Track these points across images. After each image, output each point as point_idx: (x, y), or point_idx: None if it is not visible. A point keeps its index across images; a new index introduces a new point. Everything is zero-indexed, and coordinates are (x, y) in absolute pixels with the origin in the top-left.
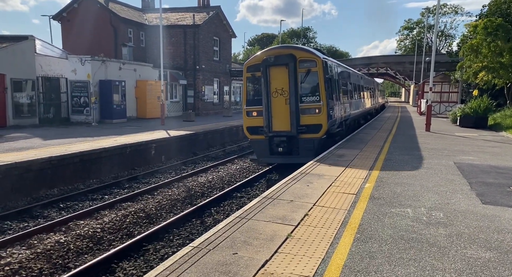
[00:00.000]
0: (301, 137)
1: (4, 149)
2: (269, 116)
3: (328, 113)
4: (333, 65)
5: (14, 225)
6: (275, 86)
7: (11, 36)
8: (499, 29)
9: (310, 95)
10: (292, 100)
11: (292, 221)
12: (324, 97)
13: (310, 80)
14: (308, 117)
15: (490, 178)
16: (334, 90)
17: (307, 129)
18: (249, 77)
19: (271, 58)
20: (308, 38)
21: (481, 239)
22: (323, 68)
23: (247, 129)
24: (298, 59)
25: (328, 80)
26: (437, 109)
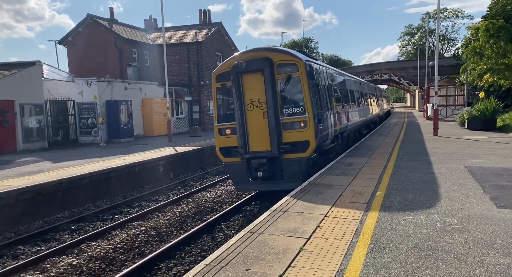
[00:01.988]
0: (285, 157)
1: (15, 174)
2: (245, 134)
3: (316, 127)
4: (321, 69)
5: (26, 249)
6: (250, 97)
7: (19, 63)
8: (501, 30)
9: (292, 106)
10: (271, 113)
11: (304, 234)
12: (310, 107)
13: (292, 88)
14: (291, 133)
15: (503, 181)
16: (324, 98)
17: (291, 147)
18: (219, 88)
19: (242, 64)
20: (309, 48)
21: (499, 244)
22: (306, 73)
23: (220, 150)
24: (275, 63)
25: (315, 87)
26: (444, 113)
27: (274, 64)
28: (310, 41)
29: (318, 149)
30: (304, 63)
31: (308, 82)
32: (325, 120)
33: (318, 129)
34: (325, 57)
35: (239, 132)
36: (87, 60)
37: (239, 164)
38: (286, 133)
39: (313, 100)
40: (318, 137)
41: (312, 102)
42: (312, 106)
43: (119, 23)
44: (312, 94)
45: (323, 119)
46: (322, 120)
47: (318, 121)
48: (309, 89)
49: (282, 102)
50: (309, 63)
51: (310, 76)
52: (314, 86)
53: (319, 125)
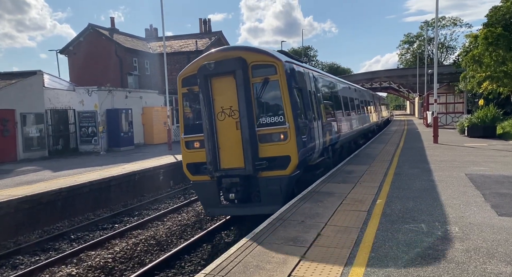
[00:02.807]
0: (262, 176)
1: (15, 183)
2: (215, 148)
3: (299, 139)
4: (307, 72)
5: (25, 259)
6: (221, 105)
7: (20, 72)
8: (500, 38)
9: (270, 114)
10: (244, 123)
11: (305, 243)
12: (291, 116)
13: (270, 94)
14: (269, 146)
15: (503, 188)
16: (309, 106)
17: (269, 163)
18: (186, 94)
19: (210, 65)
20: (309, 56)
21: (500, 253)
22: (287, 76)
23: (187, 166)
24: (250, 64)
25: (298, 93)
26: (444, 120)
27: (249, 65)
28: (310, 50)
29: (302, 165)
30: (283, 64)
31: (289, 87)
32: (310, 130)
33: (302, 141)
34: (325, 65)
35: (208, 146)
36: (88, 69)
37: (208, 184)
38: (263, 146)
39: (295, 108)
40: (301, 151)
41: (294, 110)
42: (294, 114)
43: (120, 32)
44: (294, 101)
45: (308, 130)
46: (306, 130)
47: (302, 132)
48: (290, 95)
49: (258, 110)
50: (290, 65)
51: (292, 79)
52: (296, 91)
53: (302, 136)
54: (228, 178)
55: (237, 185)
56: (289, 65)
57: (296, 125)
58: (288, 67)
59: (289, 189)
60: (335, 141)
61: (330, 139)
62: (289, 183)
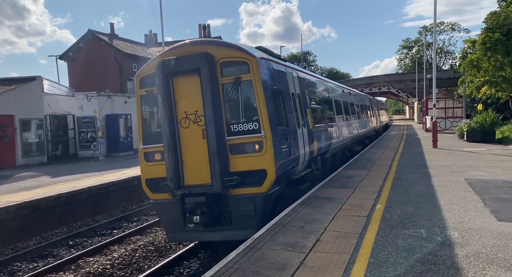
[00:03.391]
0: (233, 194)
1: (13, 189)
2: (177, 160)
3: (277, 150)
4: (289, 72)
5: (23, 266)
6: (185, 109)
7: (19, 78)
8: (498, 44)
9: (244, 121)
10: (211, 131)
11: (304, 248)
12: (268, 123)
13: (242, 96)
14: (242, 158)
15: (503, 193)
16: (292, 110)
17: (242, 179)
18: (144, 96)
19: (170, 62)
20: (308, 61)
21: (500, 258)
22: (262, 75)
23: (146, 182)
24: (218, 61)
25: (277, 95)
26: (443, 125)
27: (217, 63)
28: (309, 55)
29: (282, 180)
30: (257, 61)
31: (265, 88)
32: (293, 139)
33: (281, 152)
34: (324, 70)
35: (169, 158)
36: (88, 74)
37: (170, 204)
38: (234, 158)
39: (273, 113)
40: (280, 163)
41: (271, 115)
42: (271, 120)
43: (119, 38)
44: (272, 105)
45: (290, 138)
46: (288, 139)
47: (281, 141)
48: (266, 98)
49: (229, 116)
50: (268, 63)
51: (269, 79)
52: (275, 93)
53: (282, 146)
54: (192, 197)
55: (203, 206)
56: (266, 62)
57: (273, 133)
58: (265, 65)
59: (266, 210)
60: (325, 150)
61: (318, 148)
62: (265, 202)
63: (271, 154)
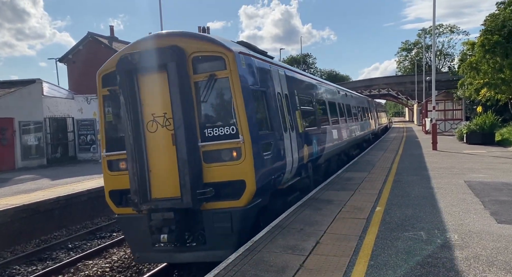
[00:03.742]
0: (207, 208)
1: (13, 192)
2: (143, 170)
3: (258, 157)
4: (275, 70)
5: (22, 269)
6: (152, 111)
7: (19, 81)
8: (497, 46)
9: (219, 124)
10: (181, 136)
11: (304, 251)
12: (246, 126)
13: (218, 96)
14: (217, 167)
15: (503, 195)
16: (277, 112)
17: (217, 191)
18: (107, 96)
19: (134, 56)
20: (308, 64)
21: (500, 261)
22: (240, 72)
23: (110, 195)
24: (190, 56)
25: (259, 95)
26: (442, 127)
27: (188, 57)
28: (309, 57)
29: (265, 191)
30: (235, 56)
31: (244, 87)
32: (279, 144)
33: (263, 159)
34: (324, 72)
35: (132, 168)
36: (87, 77)
37: (137, 220)
38: (209, 168)
39: (254, 115)
40: (262, 172)
41: (250, 117)
42: (251, 124)
43: (119, 40)
44: (253, 106)
45: (274, 144)
46: (272, 144)
47: (264, 147)
48: (245, 98)
49: (203, 119)
50: (248, 58)
51: (249, 77)
52: (257, 93)
53: (264, 153)
54: (159, 213)
55: (172, 222)
56: (246, 58)
57: (253, 138)
58: (244, 61)
59: (245, 226)
60: (317, 155)
61: (309, 154)
62: (244, 218)
63: (251, 163)
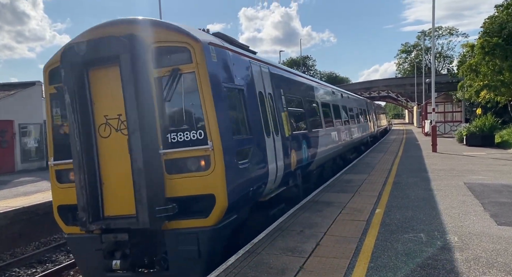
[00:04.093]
0: (169, 228)
1: (13, 194)
2: (94, 182)
3: (231, 166)
4: (256, 65)
5: (22, 271)
6: (105, 112)
7: (19, 83)
8: (496, 48)
9: (185, 128)
10: (136, 142)
11: (303, 253)
12: (217, 130)
13: (183, 95)
14: (183, 179)
15: (502, 197)
16: (258, 114)
17: (181, 208)
18: (55, 95)
19: (80, 47)
20: (308, 66)
21: (500, 263)
22: (210, 66)
23: (59, 210)
24: (150, 47)
25: (234, 94)
26: (442, 129)
27: (148, 49)
28: (308, 59)
29: (241, 206)
30: (203, 48)
31: (215, 84)
32: (259, 150)
33: (238, 169)
34: (323, 75)
35: (80, 180)
36: None
37: (88, 241)
38: (172, 179)
39: (226, 117)
40: (236, 184)
41: (222, 120)
42: (223, 127)
43: None
44: (225, 106)
45: (253, 150)
46: (250, 151)
47: (240, 154)
48: (215, 96)
49: (165, 121)
50: (221, 51)
51: (222, 72)
52: (232, 91)
53: (240, 162)
54: (112, 234)
55: (126, 246)
56: (219, 50)
57: (225, 144)
58: (216, 54)
59: (216, 249)
60: (308, 162)
61: (298, 160)
62: (214, 239)
63: (221, 173)
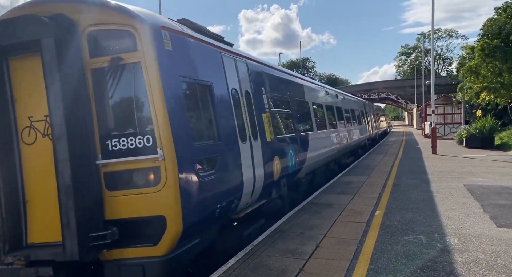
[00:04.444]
0: (108, 258)
1: None
2: (15, 200)
3: (188, 180)
4: (230, 58)
5: None
6: (29, 112)
7: None
8: (496, 50)
9: (130, 132)
10: (62, 150)
11: (303, 255)
12: (170, 135)
13: (127, 91)
14: (125, 197)
15: (502, 199)
16: (231, 115)
17: (123, 234)
18: None
19: None
20: (307, 68)
21: (500, 265)
22: (160, 55)
23: None
24: (85, 31)
25: (197, 91)
26: (442, 131)
27: (82, 33)
28: (308, 61)
29: (206, 227)
30: (151, 32)
31: (167, 77)
32: (230, 159)
33: (199, 183)
34: (323, 77)
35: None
36: None
37: (11, 274)
38: (113, 197)
39: (183, 119)
40: (196, 202)
41: (177, 123)
42: (177, 132)
43: None
44: (181, 105)
45: (222, 159)
46: (219, 160)
47: (205, 165)
48: (167, 93)
49: (104, 124)
50: (178, 37)
51: (178, 64)
52: (192, 87)
53: (204, 173)
54: (33, 268)
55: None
56: (175, 37)
57: (181, 153)
58: (170, 40)
59: None
60: (295, 169)
61: (283, 168)
62: (165, 272)
63: (174, 189)
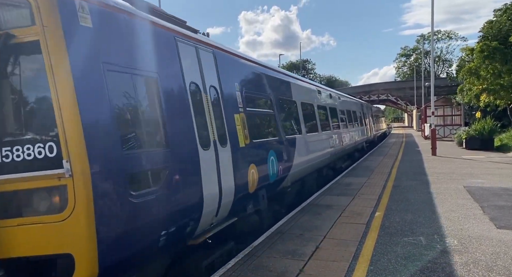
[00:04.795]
0: None
1: None
2: None
3: (111, 204)
4: (187, 45)
5: None
6: None
7: None
8: (496, 52)
9: (27, 138)
10: None
11: (303, 256)
12: (82, 142)
13: (20, 80)
14: (19, 228)
15: (502, 201)
16: (189, 116)
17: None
18: None
19: None
20: (307, 69)
21: (500, 266)
22: (69, 31)
23: None
24: None
25: (135, 84)
26: (442, 133)
27: None
28: (308, 63)
29: (142, 263)
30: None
31: (81, 63)
32: (182, 171)
33: (128, 206)
34: (323, 78)
35: None
36: None
37: None
38: (4, 228)
39: (105, 120)
40: (121, 233)
41: (94, 123)
42: (95, 136)
43: None
44: (104, 102)
45: (170, 172)
46: (163, 174)
47: (139, 180)
48: (79, 84)
49: None
50: (101, 10)
51: (100, 46)
52: (123, 79)
53: (137, 193)
54: None
55: None
56: (98, 10)
57: (100, 165)
58: (90, 14)
59: None
60: (278, 178)
61: (262, 177)
62: None
63: (86, 218)
